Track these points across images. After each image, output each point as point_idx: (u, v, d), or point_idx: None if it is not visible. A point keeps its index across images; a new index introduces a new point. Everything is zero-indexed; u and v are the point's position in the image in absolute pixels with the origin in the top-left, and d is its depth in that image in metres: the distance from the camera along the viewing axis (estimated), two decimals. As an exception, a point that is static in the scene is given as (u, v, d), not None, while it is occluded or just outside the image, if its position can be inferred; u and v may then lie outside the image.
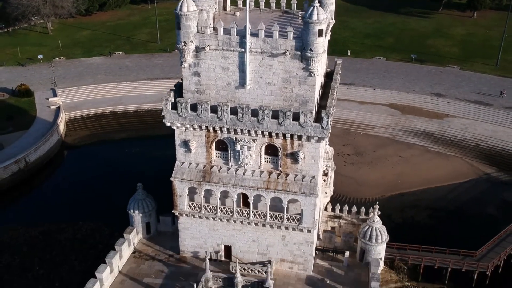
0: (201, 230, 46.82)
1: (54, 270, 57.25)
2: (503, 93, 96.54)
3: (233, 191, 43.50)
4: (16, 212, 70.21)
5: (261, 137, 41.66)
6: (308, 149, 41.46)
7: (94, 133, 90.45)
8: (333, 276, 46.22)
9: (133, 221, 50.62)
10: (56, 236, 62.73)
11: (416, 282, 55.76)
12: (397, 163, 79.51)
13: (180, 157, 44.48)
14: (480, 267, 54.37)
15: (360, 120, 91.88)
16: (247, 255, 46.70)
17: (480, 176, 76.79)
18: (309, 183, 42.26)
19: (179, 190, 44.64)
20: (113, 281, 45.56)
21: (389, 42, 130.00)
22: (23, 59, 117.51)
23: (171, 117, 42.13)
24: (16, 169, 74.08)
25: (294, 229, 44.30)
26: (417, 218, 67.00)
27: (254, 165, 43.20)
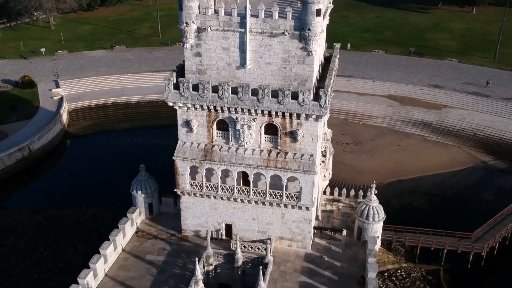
0: (202, 209, 47.93)
1: (58, 252, 58.35)
2: (489, 83, 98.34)
3: (234, 170, 44.64)
4: (20, 197, 71.53)
5: (261, 116, 42.76)
6: (307, 127, 42.58)
7: (96, 123, 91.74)
8: (331, 253, 47.33)
9: (136, 202, 51.74)
10: (60, 220, 63.85)
11: (413, 264, 56.89)
12: (396, 151, 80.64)
13: (182, 137, 45.62)
14: (476, 249, 55.47)
15: (359, 111, 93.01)
16: (247, 233, 47.81)
17: (477, 164, 77.95)
18: (307, 161, 43.40)
19: (181, 169, 45.78)
20: (116, 258, 46.67)
21: (388, 36, 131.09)
22: (26, 52, 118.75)
23: (173, 97, 43.26)
24: (20, 157, 75.30)
25: (293, 206, 45.40)
26: (415, 204, 68.14)
27: (254, 144, 44.31)
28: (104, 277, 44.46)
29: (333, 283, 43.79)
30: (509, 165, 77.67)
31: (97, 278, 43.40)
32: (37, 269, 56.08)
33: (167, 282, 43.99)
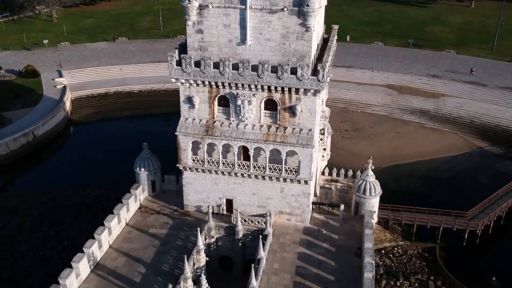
0: (204, 184, 49.23)
1: (63, 231, 59.66)
2: (473, 71, 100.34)
3: (234, 144, 45.96)
4: (25, 180, 72.98)
5: (261, 92, 44.08)
6: (305, 102, 43.89)
7: (99, 111, 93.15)
8: (329, 227, 48.62)
9: (139, 179, 53.05)
10: (64, 201, 65.20)
11: (410, 242, 58.09)
12: (394, 138, 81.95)
13: (184, 113, 46.94)
14: (471, 226, 56.71)
15: (358, 100, 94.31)
16: (247, 208, 49.11)
17: (473, 149, 79.25)
18: (306, 135, 44.72)
19: (183, 144, 47.11)
20: (120, 231, 47.98)
21: (388, 29, 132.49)
22: (29, 44, 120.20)
23: (176, 73, 44.60)
24: (25, 142, 76.67)
25: (292, 181, 46.71)
26: (412, 186, 69.44)
27: (254, 119, 45.63)
28: (108, 248, 45.76)
29: (331, 254, 45.09)
30: (505, 151, 78.98)
31: (101, 249, 44.71)
32: (42, 246, 57.40)
33: (169, 253, 45.30)
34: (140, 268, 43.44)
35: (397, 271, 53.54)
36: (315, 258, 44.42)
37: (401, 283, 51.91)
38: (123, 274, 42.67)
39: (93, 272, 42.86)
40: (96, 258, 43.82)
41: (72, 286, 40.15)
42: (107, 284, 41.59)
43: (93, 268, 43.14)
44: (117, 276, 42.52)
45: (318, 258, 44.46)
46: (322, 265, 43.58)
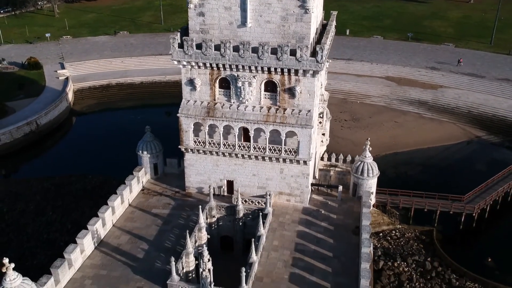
0: (205, 166, 50.21)
1: (66, 215, 60.71)
2: (460, 62, 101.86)
3: (235, 125, 46.93)
4: (29, 167, 74.10)
5: (261, 73, 45.06)
6: (304, 83, 44.87)
7: (101, 102, 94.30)
8: (327, 207, 49.58)
9: (142, 162, 54.00)
10: (67, 187, 66.28)
11: (407, 225, 59.19)
12: (392, 127, 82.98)
13: (186, 95, 47.94)
14: (467, 210, 57.76)
15: (357, 91, 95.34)
16: (247, 189, 50.07)
17: (471, 138, 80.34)
18: (305, 116, 45.69)
19: (185, 126, 48.10)
20: (123, 211, 48.95)
21: (387, 24, 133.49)
22: (31, 37, 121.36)
23: (178, 55, 45.60)
24: (28, 130, 77.74)
25: (291, 161, 47.69)
26: (410, 173, 70.48)
27: (254, 101, 46.61)
28: (111, 227, 46.72)
29: (329, 232, 46.06)
30: (502, 139, 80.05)
31: (105, 227, 45.67)
32: (46, 230, 58.49)
33: (171, 231, 46.28)
34: (143, 245, 44.43)
35: (394, 252, 54.64)
36: (314, 236, 45.40)
37: (399, 264, 52.98)
38: (126, 251, 43.65)
39: (97, 249, 43.83)
40: (100, 236, 44.80)
41: (76, 261, 41.13)
42: (111, 260, 42.56)
43: (97, 245, 44.11)
44: (120, 252, 43.51)
45: (317, 236, 45.44)
46: (320, 243, 44.55)
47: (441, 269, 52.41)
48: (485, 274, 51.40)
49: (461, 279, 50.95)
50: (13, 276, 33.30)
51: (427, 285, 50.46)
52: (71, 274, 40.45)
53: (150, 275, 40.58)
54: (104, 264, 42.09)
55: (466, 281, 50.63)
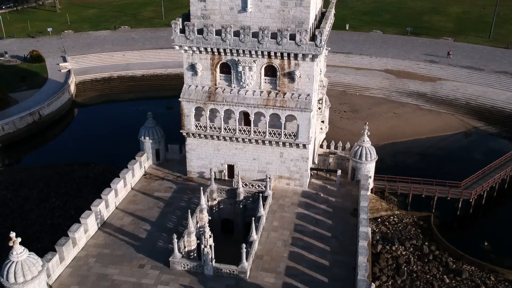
0: (206, 150, 51.14)
1: (69, 202, 61.53)
2: (450, 54, 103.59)
3: (236, 109, 47.86)
4: (32, 156, 75.09)
5: (261, 58, 45.98)
6: (304, 68, 45.78)
7: (103, 94, 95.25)
8: (326, 191, 50.51)
9: (144, 148, 54.94)
10: (70, 174, 67.11)
11: (405, 211, 60.00)
12: (391, 118, 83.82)
13: (187, 80, 48.85)
14: (464, 195, 58.54)
15: (356, 83, 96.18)
16: (248, 173, 50.99)
17: (469, 129, 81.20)
18: (304, 100, 46.61)
19: (187, 110, 49.01)
20: (126, 195, 49.89)
21: (387, 19, 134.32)
22: (33, 32, 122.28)
23: (180, 40, 46.53)
24: (31, 121, 78.66)
25: (291, 145, 48.58)
26: (408, 162, 71.32)
27: (254, 85, 47.52)
28: (114, 209, 47.67)
29: (327, 214, 46.98)
30: (499, 130, 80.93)
31: (108, 209, 46.61)
32: (49, 215, 59.31)
33: (173, 212, 47.22)
34: (146, 226, 45.37)
35: (392, 237, 55.47)
36: (312, 218, 46.31)
37: (397, 247, 53.81)
38: (129, 231, 44.58)
39: (100, 229, 44.76)
40: (103, 217, 45.71)
41: (80, 240, 42.04)
42: (114, 239, 43.47)
43: (100, 226, 45.04)
44: (123, 233, 44.42)
45: (315, 217, 46.36)
46: (319, 223, 45.47)
47: (438, 252, 53.22)
48: (482, 257, 52.17)
49: (458, 262, 51.78)
50: (20, 250, 34.33)
51: (424, 268, 51.27)
52: (75, 253, 41.36)
53: (152, 253, 41.50)
54: (108, 243, 43.01)
55: (463, 264, 51.46)
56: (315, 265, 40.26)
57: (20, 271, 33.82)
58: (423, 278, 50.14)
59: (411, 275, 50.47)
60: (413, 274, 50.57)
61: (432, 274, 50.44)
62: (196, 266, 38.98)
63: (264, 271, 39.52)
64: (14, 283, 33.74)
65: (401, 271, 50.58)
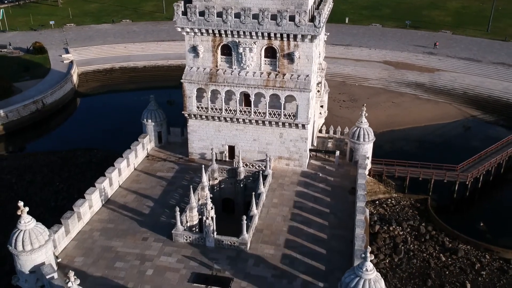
0: (207, 131, 52.24)
1: (73, 185, 62.65)
2: (436, 45, 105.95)
3: (236, 90, 48.97)
4: (35, 143, 76.20)
5: (261, 39, 47.09)
6: (303, 49, 46.88)
7: (105, 84, 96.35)
8: (325, 171, 51.59)
9: (146, 130, 56.04)
10: (73, 160, 68.28)
11: (403, 194, 61.10)
12: (389, 107, 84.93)
13: (189, 62, 49.96)
14: (461, 178, 59.61)
15: (355, 74, 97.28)
16: (248, 154, 52.06)
17: (466, 117, 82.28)
18: (303, 81, 47.72)
19: (189, 92, 50.13)
20: (129, 174, 50.99)
21: (386, 13, 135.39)
22: (36, 25, 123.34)
23: (182, 22, 47.63)
24: (34, 109, 79.76)
25: (290, 125, 49.66)
26: (406, 148, 72.39)
27: (255, 67, 48.64)
28: (118, 188, 48.78)
29: (326, 192, 48.07)
30: (496, 118, 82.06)
31: (112, 187, 47.72)
32: (53, 198, 60.46)
33: (176, 190, 48.33)
34: (149, 203, 46.47)
35: (390, 218, 56.60)
36: (311, 195, 47.41)
37: (394, 228, 54.92)
38: (133, 208, 45.69)
39: (104, 206, 45.88)
40: (107, 195, 46.82)
41: (85, 215, 43.16)
42: (118, 215, 44.58)
43: (104, 203, 46.15)
44: (127, 209, 45.53)
45: (314, 195, 47.46)
46: (318, 201, 46.56)
47: (435, 232, 54.33)
48: (477, 237, 53.29)
49: (454, 242, 52.88)
50: (28, 219, 35.45)
51: (421, 247, 52.39)
52: (80, 227, 42.49)
53: (155, 228, 42.60)
54: (112, 219, 44.13)
55: (459, 243, 52.56)
56: (313, 238, 41.34)
57: (28, 240, 34.87)
58: (420, 256, 51.26)
59: (408, 253, 51.60)
60: (410, 252, 51.70)
61: (428, 253, 51.56)
62: (198, 238, 40.09)
63: (264, 243, 40.62)
64: (22, 251, 34.81)
65: (398, 249, 51.71)
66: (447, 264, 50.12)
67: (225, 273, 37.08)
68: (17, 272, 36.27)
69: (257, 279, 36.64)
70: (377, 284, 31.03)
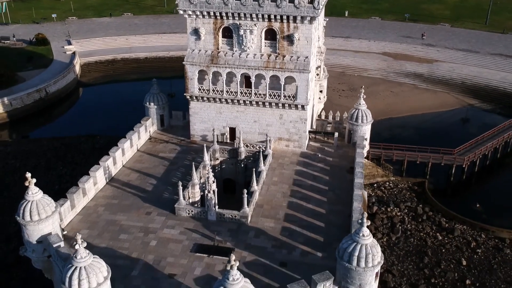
0: (209, 113, 53.30)
1: (76, 170, 63.62)
2: (424, 35, 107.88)
3: (237, 72, 50.04)
4: (39, 130, 77.24)
5: (262, 21, 48.16)
6: (302, 30, 47.94)
7: (107, 75, 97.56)
8: (324, 152, 52.63)
9: (149, 113, 57.12)
10: (76, 146, 69.33)
11: (400, 177, 62.21)
12: (388, 96, 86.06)
13: (191, 45, 51.03)
14: (457, 161, 60.75)
15: (355, 65, 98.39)
16: (249, 136, 53.11)
17: (464, 106, 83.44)
18: (303, 62, 48.78)
19: (190, 73, 51.21)
20: (132, 155, 52.08)
21: (385, 7, 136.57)
22: (38, 18, 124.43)
23: (184, 5, 48.68)
24: (38, 97, 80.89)
25: (290, 106, 50.73)
26: (404, 135, 73.47)
27: (255, 49, 49.70)
28: (121, 167, 49.85)
29: (325, 171, 49.12)
30: (494, 107, 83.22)
31: (116, 166, 48.77)
32: (57, 181, 61.54)
33: (178, 169, 49.41)
34: (152, 181, 47.55)
35: (388, 200, 57.71)
36: (310, 174, 48.48)
37: (392, 209, 56.04)
38: (136, 185, 46.77)
39: (108, 184, 46.93)
40: (111, 173, 47.90)
41: (90, 191, 44.23)
42: (122, 192, 45.65)
43: (108, 181, 47.21)
44: (131, 186, 46.61)
45: (313, 174, 48.52)
46: (317, 179, 47.63)
47: (432, 213, 55.42)
48: (474, 218, 54.34)
49: (450, 222, 53.96)
50: (35, 190, 36.49)
51: (418, 227, 53.48)
52: (85, 202, 43.56)
53: (158, 203, 43.68)
54: (116, 195, 45.21)
55: (455, 224, 53.63)
56: (312, 213, 42.40)
57: (35, 210, 35.88)
58: (417, 235, 52.35)
59: (405, 233, 52.69)
60: (407, 232, 52.79)
61: (425, 232, 52.65)
62: (200, 212, 41.17)
63: (264, 217, 41.70)
64: (29, 221, 35.82)
65: (395, 229, 52.80)
66: (444, 243, 51.20)
67: (226, 244, 38.16)
68: (25, 242, 37.27)
69: (258, 249, 37.72)
70: (374, 249, 32.10)
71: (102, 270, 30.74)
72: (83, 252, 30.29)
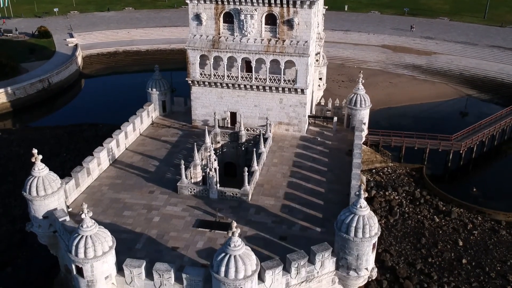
0: (210, 98, 54.23)
1: (79, 156, 64.22)
2: (413, 28, 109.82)
3: (238, 56, 50.97)
4: (42, 119, 78.23)
5: (262, 6, 49.09)
6: (302, 15, 48.86)
7: (109, 67, 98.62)
8: (323, 136, 53.50)
9: (151, 99, 58.04)
10: (79, 134, 70.29)
11: (399, 163, 63.16)
12: (387, 87, 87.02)
13: (192, 30, 51.96)
14: (455, 147, 61.72)
15: (354, 57, 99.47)
16: (249, 120, 54.03)
17: (462, 96, 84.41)
18: (302, 46, 49.71)
19: (192, 58, 52.14)
20: (135, 139, 53.02)
21: (385, 1, 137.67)
22: (40, 12, 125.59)
23: (186, -10, 49.73)
24: (41, 87, 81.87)
25: (290, 90, 51.66)
26: (402, 123, 74.26)
27: (256, 34, 50.62)
28: (124, 150, 50.79)
29: (324, 153, 50.04)
30: (491, 97, 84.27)
31: (119, 149, 49.71)
32: (60, 168, 62.12)
33: (180, 152, 50.31)
34: (154, 162, 48.49)
35: (386, 184, 58.65)
36: (310, 156, 49.40)
37: (390, 193, 56.98)
38: (139, 166, 47.69)
39: (112, 165, 47.88)
40: (115, 155, 48.84)
41: (94, 171, 45.20)
42: (125, 173, 46.59)
43: (112, 163, 48.16)
44: (134, 167, 47.55)
45: (313, 156, 49.45)
46: (316, 161, 48.54)
47: (429, 197, 56.34)
48: (470, 201, 55.27)
49: (448, 205, 54.86)
50: (41, 166, 37.51)
51: (415, 210, 54.41)
52: (89, 182, 44.54)
53: (161, 183, 44.61)
54: (119, 175, 46.14)
55: (452, 207, 54.53)
56: (312, 192, 43.31)
57: (42, 185, 36.87)
58: (414, 218, 53.27)
59: (403, 215, 53.63)
60: (405, 214, 53.73)
61: (423, 215, 53.56)
62: (202, 190, 42.10)
63: (264, 195, 42.63)
64: (36, 196, 36.79)
65: (393, 212, 53.73)
66: (441, 225, 52.13)
67: (227, 220, 39.09)
68: (31, 218, 38.23)
69: (258, 225, 38.66)
70: (371, 220, 33.11)
71: (108, 240, 31.75)
72: (89, 222, 31.30)
